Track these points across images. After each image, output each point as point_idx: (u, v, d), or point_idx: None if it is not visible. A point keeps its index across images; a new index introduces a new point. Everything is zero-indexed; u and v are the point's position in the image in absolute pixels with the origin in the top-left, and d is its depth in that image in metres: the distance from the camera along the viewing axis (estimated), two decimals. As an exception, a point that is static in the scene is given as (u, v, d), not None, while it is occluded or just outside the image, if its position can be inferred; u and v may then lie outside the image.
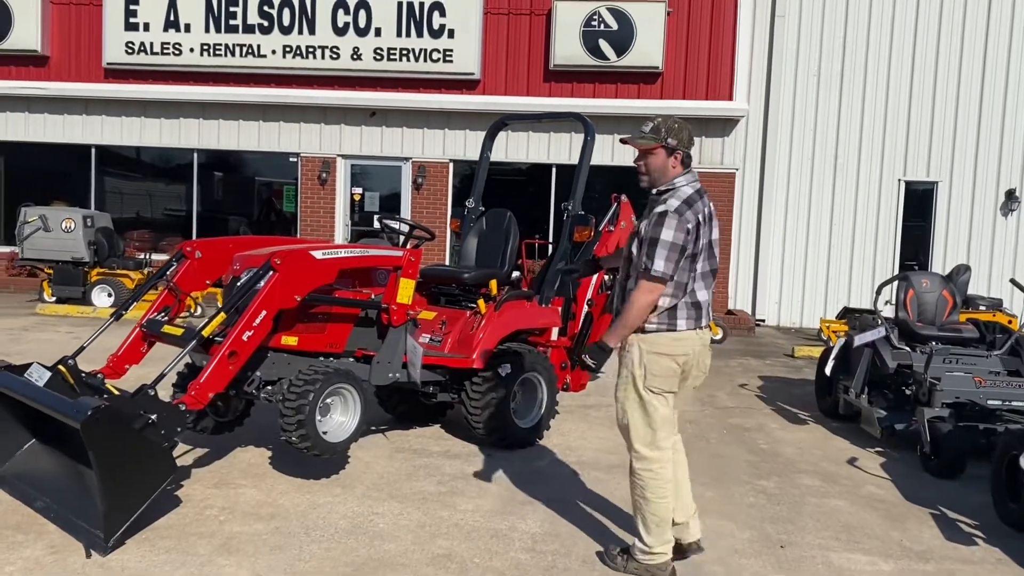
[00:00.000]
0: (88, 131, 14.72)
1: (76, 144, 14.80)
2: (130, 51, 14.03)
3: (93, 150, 14.89)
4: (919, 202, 13.93)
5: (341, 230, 14.51)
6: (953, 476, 5.60)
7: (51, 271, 12.32)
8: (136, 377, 4.87)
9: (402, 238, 6.37)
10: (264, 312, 4.50)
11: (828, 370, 7.12)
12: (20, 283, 14.02)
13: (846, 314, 11.83)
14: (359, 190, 14.59)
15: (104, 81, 14.37)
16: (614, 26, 13.27)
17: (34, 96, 14.51)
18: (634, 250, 3.65)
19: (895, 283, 7.27)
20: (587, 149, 6.26)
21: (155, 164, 15.58)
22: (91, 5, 14.21)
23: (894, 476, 5.68)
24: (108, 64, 14.19)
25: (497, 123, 6.95)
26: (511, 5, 13.74)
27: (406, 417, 6.42)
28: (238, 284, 4.73)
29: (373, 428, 6.21)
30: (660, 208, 3.55)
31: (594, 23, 13.29)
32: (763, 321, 14.01)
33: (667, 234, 3.48)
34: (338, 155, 14.46)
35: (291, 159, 14.69)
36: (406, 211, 14.20)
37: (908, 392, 6.41)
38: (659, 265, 3.48)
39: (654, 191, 3.71)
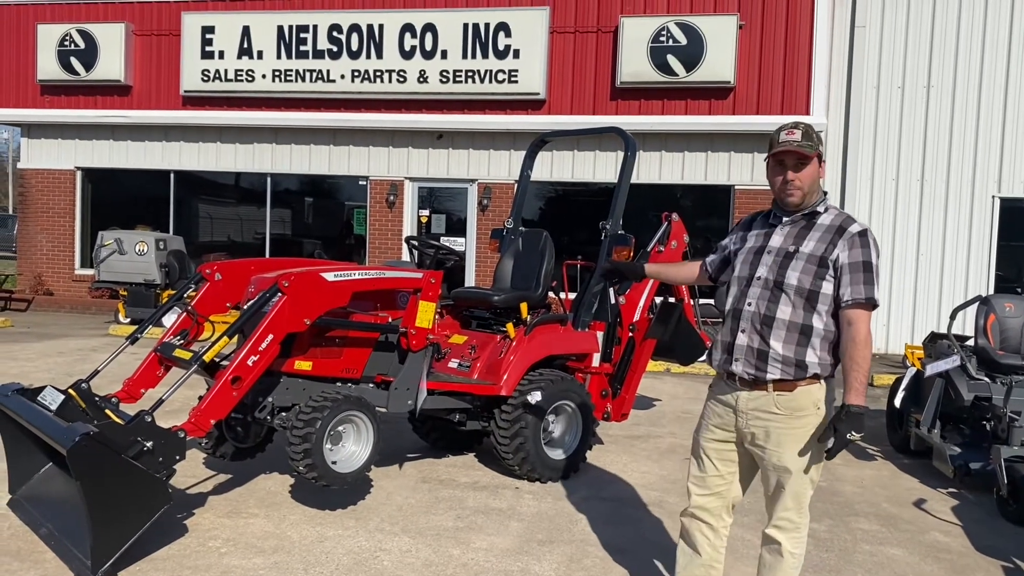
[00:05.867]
0: (167, 157, 15.18)
1: (156, 170, 15.28)
2: (206, 79, 14.40)
3: (172, 175, 15.34)
4: (1019, 220, 12.96)
5: (408, 252, 14.48)
6: (1033, 524, 5.01)
7: (126, 292, 12.68)
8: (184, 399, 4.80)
9: (448, 259, 6.20)
10: (271, 336, 4.35)
11: (898, 402, 6.57)
12: (101, 304, 14.51)
13: (933, 340, 11.04)
14: (426, 212, 14.55)
15: (182, 108, 14.80)
16: (683, 41, 12.87)
17: (118, 124, 15.06)
18: (798, 276, 3.04)
19: (974, 307, 6.65)
20: (627, 165, 5.94)
21: (231, 188, 15.92)
22: (170, 35, 14.69)
23: (965, 522, 5.11)
24: (185, 92, 14.61)
25: (537, 141, 6.70)
26: (577, 23, 13.52)
27: (440, 444, 6.20)
28: (244, 307, 4.61)
29: (409, 455, 6.02)
30: (856, 228, 3.04)
31: (662, 38, 12.92)
32: (845, 346, 13.24)
33: (876, 258, 3.03)
34: (406, 178, 14.47)
35: (360, 182, 14.80)
36: (471, 233, 14.06)
37: (988, 427, 5.82)
38: (878, 293, 3.00)
39: (799, 210, 3.14)
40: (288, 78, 14.23)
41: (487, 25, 13.49)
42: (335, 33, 14.04)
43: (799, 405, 3.05)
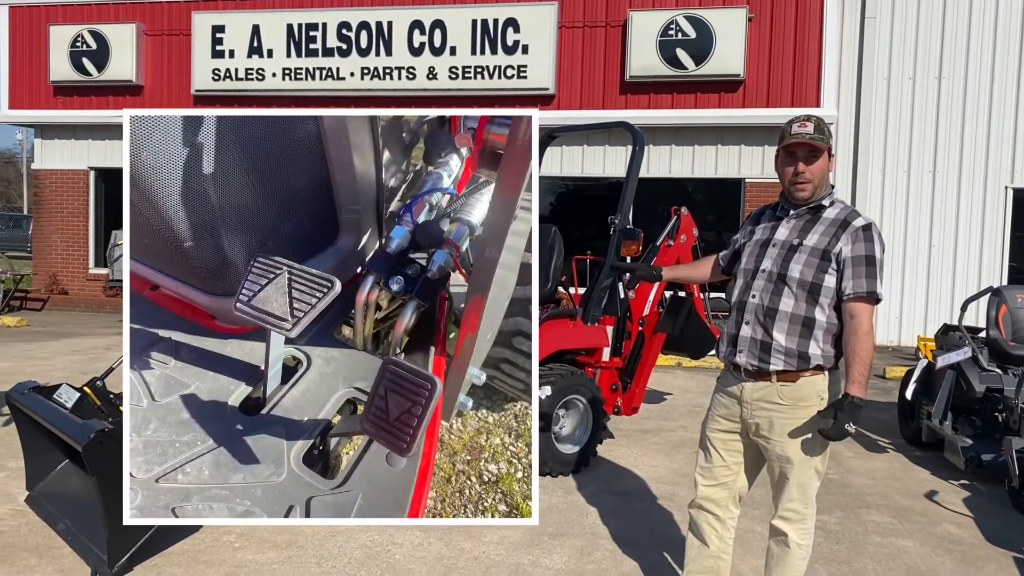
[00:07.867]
0: (179, 156, 15.25)
1: (168, 169, 15.36)
2: (216, 78, 14.47)
3: (184, 174, 15.41)
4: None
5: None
6: (1045, 515, 5.00)
7: (139, 292, 12.77)
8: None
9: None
10: (282, 333, 4.38)
11: (909, 393, 6.56)
12: (115, 303, 14.63)
13: (946, 332, 10.99)
14: (436, 208, 14.56)
15: (193, 107, 14.86)
16: (692, 34, 12.84)
17: (130, 124, 15.15)
18: (800, 269, 3.05)
19: (986, 298, 6.63)
20: (636, 160, 5.94)
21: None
22: (181, 35, 14.77)
23: (977, 513, 5.11)
24: (196, 91, 14.67)
25: (544, 137, 6.71)
26: (586, 17, 13.51)
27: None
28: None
29: (419, 451, 6.05)
30: (860, 222, 3.04)
31: (671, 32, 12.89)
32: (857, 339, 13.20)
33: (880, 252, 3.02)
34: (416, 174, 14.49)
35: (371, 179, 14.82)
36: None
37: (999, 419, 5.80)
38: (881, 288, 3.00)
39: (806, 203, 3.14)
40: (298, 76, 14.28)
41: (496, 21, 13.49)
42: (344, 31, 14.07)
43: (803, 395, 3.06)
